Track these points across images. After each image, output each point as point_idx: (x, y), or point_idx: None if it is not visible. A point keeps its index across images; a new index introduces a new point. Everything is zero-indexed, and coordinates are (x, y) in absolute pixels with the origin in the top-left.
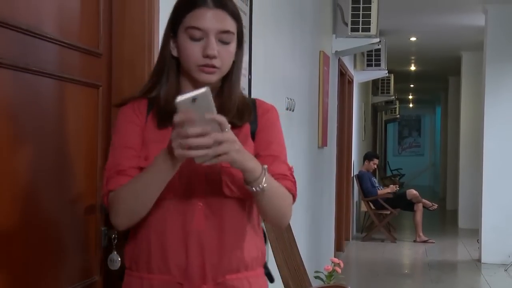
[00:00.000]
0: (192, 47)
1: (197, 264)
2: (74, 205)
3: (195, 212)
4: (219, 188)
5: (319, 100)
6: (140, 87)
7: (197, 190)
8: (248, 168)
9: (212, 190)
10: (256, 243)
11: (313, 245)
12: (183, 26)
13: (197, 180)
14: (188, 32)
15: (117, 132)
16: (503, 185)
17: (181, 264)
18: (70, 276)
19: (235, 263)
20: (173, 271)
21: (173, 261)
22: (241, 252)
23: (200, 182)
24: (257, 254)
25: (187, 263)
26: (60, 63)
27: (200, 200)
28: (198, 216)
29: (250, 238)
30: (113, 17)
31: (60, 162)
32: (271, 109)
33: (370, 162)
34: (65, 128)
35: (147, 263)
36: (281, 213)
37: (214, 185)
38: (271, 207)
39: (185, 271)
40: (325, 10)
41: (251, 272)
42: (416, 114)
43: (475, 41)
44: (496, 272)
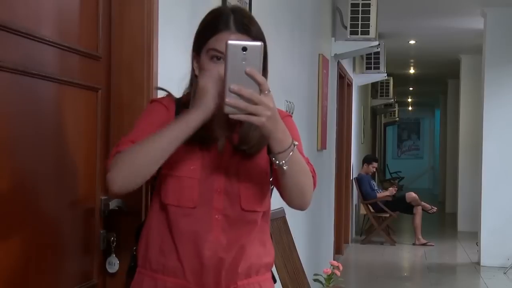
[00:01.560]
0: (212, 68)
1: (212, 275)
2: (73, 208)
3: (213, 224)
4: (237, 203)
5: (318, 103)
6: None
7: (216, 203)
8: (277, 137)
9: (231, 204)
10: (269, 250)
11: (312, 248)
12: (206, 48)
13: (215, 194)
14: (210, 54)
15: (141, 118)
16: (503, 188)
17: (197, 271)
18: (69, 279)
19: (247, 269)
20: (189, 277)
21: (189, 267)
22: (254, 259)
23: (219, 195)
24: (269, 260)
25: (202, 272)
26: (59, 66)
27: (218, 213)
28: (216, 229)
29: (264, 246)
30: (112, 20)
31: (59, 165)
32: (287, 116)
33: (369, 166)
34: (64, 131)
35: (163, 265)
36: (304, 191)
37: (233, 199)
38: (295, 186)
39: (200, 279)
40: (324, 14)
41: (262, 277)
42: (415, 117)
43: (474, 44)
44: (495, 275)
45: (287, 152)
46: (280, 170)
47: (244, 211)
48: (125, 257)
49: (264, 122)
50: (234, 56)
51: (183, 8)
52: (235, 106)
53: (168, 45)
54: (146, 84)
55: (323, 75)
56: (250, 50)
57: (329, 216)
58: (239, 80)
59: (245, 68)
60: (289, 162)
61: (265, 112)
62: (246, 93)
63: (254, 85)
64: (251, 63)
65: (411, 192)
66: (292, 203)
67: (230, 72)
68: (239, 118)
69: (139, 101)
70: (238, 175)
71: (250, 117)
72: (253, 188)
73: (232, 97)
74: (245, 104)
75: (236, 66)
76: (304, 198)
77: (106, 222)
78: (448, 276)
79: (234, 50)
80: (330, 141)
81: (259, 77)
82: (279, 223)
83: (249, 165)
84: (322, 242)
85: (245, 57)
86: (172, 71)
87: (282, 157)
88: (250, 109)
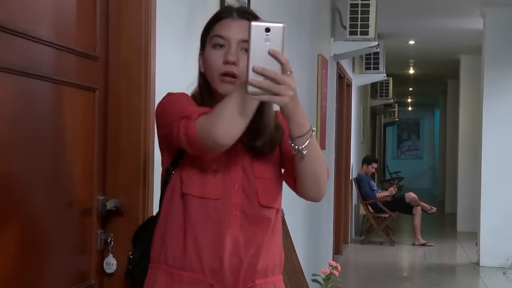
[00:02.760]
0: (214, 54)
1: (230, 271)
2: (70, 209)
3: (231, 221)
4: (255, 199)
5: (317, 103)
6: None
7: (234, 200)
8: (297, 120)
9: (248, 201)
10: (280, 249)
11: (311, 249)
12: (209, 37)
13: (233, 190)
14: (212, 41)
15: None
16: (502, 188)
17: (215, 266)
18: (66, 279)
19: (264, 268)
20: (207, 272)
21: (207, 262)
22: (270, 259)
23: (237, 192)
24: (280, 260)
25: (221, 267)
26: (56, 66)
27: (236, 209)
28: (234, 225)
29: (277, 244)
30: (110, 20)
31: (56, 165)
32: None
33: (369, 166)
34: (61, 131)
35: (180, 259)
36: (320, 180)
37: (250, 196)
38: (312, 173)
39: (219, 274)
40: (323, 14)
41: (277, 277)
42: (415, 117)
43: (473, 44)
44: (494, 275)
45: (306, 136)
46: (299, 156)
47: (262, 206)
48: (123, 257)
49: (287, 102)
50: (257, 37)
51: (181, 9)
52: (259, 85)
53: (166, 45)
54: (143, 84)
55: (322, 75)
56: (273, 31)
57: (328, 216)
58: (262, 60)
59: (268, 49)
60: (308, 147)
61: (288, 92)
62: (270, 73)
63: (277, 65)
64: (274, 43)
65: (411, 193)
66: (307, 193)
67: (253, 53)
68: (262, 98)
69: (137, 101)
70: (254, 172)
71: (273, 97)
72: (269, 184)
73: (256, 77)
74: (268, 84)
75: (259, 46)
76: (320, 188)
77: (103, 222)
78: (447, 277)
79: (257, 30)
80: (329, 141)
81: (282, 57)
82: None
83: (263, 162)
84: (321, 242)
85: (268, 38)
86: (169, 71)
87: (301, 142)
88: (274, 88)
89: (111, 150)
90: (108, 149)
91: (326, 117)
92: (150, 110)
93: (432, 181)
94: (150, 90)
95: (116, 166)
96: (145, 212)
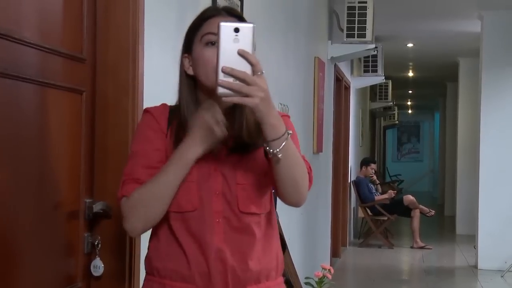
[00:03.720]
0: (208, 52)
1: (219, 278)
2: (56, 211)
3: (214, 228)
4: (235, 205)
5: (314, 106)
6: (124, 92)
7: (215, 207)
8: (270, 122)
9: (230, 207)
10: (277, 252)
11: (308, 251)
12: (199, 35)
13: (214, 196)
14: (204, 39)
15: (137, 140)
16: (499, 191)
17: (204, 275)
18: (53, 282)
19: (256, 274)
20: (197, 281)
21: (197, 271)
22: (264, 264)
23: (217, 198)
24: (277, 263)
25: (209, 275)
26: (41, 68)
27: (218, 217)
28: (218, 232)
29: (271, 248)
30: (97, 22)
31: (41, 168)
32: (284, 115)
33: (368, 168)
34: (46, 133)
35: (171, 270)
36: (299, 185)
37: (231, 202)
38: (289, 177)
39: (208, 282)
40: (320, 17)
41: (272, 282)
42: (415, 120)
43: (472, 47)
44: (492, 278)
45: (281, 139)
46: (274, 160)
47: (242, 213)
48: (110, 260)
49: (258, 103)
50: (226, 37)
51: (170, 10)
52: (228, 87)
53: (155, 47)
54: (131, 86)
55: (319, 77)
56: (243, 31)
57: (326, 218)
58: (231, 61)
59: (237, 49)
60: (283, 150)
61: (258, 93)
62: (240, 73)
63: (247, 66)
64: (244, 44)
65: (409, 195)
66: (287, 198)
67: (223, 53)
68: (232, 100)
69: (124, 103)
70: (235, 177)
71: (243, 99)
72: (250, 189)
73: (225, 79)
74: (238, 85)
75: (229, 47)
76: (299, 193)
77: (90, 225)
78: (445, 279)
79: (226, 31)
80: (326, 144)
81: (252, 57)
82: None
83: (245, 167)
84: (318, 245)
85: (237, 38)
86: (158, 73)
87: (276, 145)
88: (244, 89)
89: (99, 152)
90: (95, 151)
91: (323, 119)
92: (138, 112)
93: (432, 184)
94: (138, 92)
95: (104, 169)
96: None
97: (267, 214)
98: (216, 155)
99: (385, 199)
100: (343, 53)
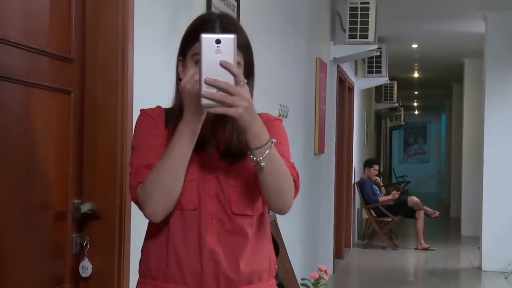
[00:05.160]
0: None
1: (211, 280)
2: (42, 212)
3: (208, 230)
4: (228, 207)
5: (316, 107)
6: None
7: (209, 208)
8: (254, 131)
9: (223, 209)
10: (269, 254)
11: (309, 252)
12: (191, 52)
13: (208, 198)
14: (194, 58)
15: (138, 136)
16: (504, 192)
17: (196, 276)
18: (40, 283)
19: (248, 275)
20: (189, 282)
21: (188, 273)
22: (256, 265)
23: (211, 200)
24: (269, 265)
25: (201, 276)
26: (27, 68)
27: (212, 218)
28: (211, 234)
29: (262, 250)
30: (87, 22)
31: (27, 169)
32: (276, 119)
33: (371, 169)
34: (33, 133)
35: (163, 272)
36: (283, 192)
37: (224, 204)
38: (273, 185)
39: (200, 283)
40: (322, 17)
41: (264, 283)
42: (421, 121)
43: (476, 48)
44: (495, 280)
45: (264, 147)
46: (258, 167)
47: (235, 215)
48: (98, 261)
49: (242, 113)
50: (208, 49)
51: (163, 11)
52: (211, 98)
53: (146, 48)
54: (120, 87)
55: (320, 78)
56: (224, 42)
57: (328, 219)
58: (214, 72)
59: (219, 60)
60: (267, 158)
61: (241, 103)
62: (222, 84)
63: (229, 77)
64: (226, 55)
65: (413, 196)
66: (271, 205)
67: (205, 65)
68: (216, 111)
69: (114, 103)
70: (228, 179)
71: (227, 109)
72: (242, 191)
73: (208, 90)
74: (221, 95)
75: (211, 58)
76: (283, 201)
77: (79, 225)
78: (448, 281)
79: (208, 42)
80: (329, 145)
81: (234, 68)
82: (270, 227)
83: (238, 169)
84: (320, 246)
85: (219, 50)
86: (149, 74)
87: (259, 153)
88: (227, 100)
89: (88, 153)
90: (84, 152)
91: (325, 120)
92: (127, 112)
93: (439, 185)
94: (128, 92)
95: (93, 169)
96: (122, 215)
97: (259, 216)
98: (210, 158)
99: (389, 200)
100: (346, 54)
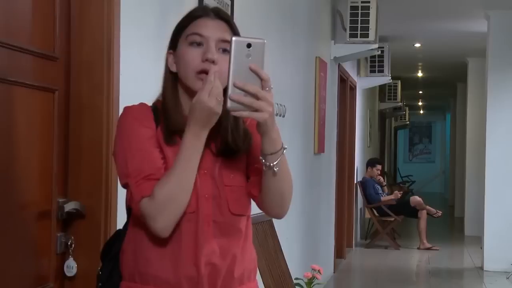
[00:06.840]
0: (191, 52)
1: (208, 282)
2: (25, 211)
3: (205, 231)
4: (226, 207)
5: (315, 106)
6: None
7: (205, 210)
8: (272, 137)
9: (219, 210)
10: (254, 254)
11: (308, 252)
12: (185, 34)
13: (204, 199)
14: (189, 39)
15: (128, 140)
16: (506, 192)
17: (193, 278)
18: (22, 282)
19: (241, 276)
20: (184, 286)
21: (184, 275)
22: (246, 265)
23: (207, 202)
24: (255, 265)
25: (198, 278)
26: (8, 66)
27: (209, 220)
28: (208, 235)
29: (251, 250)
30: (72, 21)
31: (8, 167)
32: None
33: (373, 168)
34: (15, 132)
35: (155, 274)
36: (285, 198)
37: (221, 205)
38: (278, 190)
39: (196, 285)
40: (323, 16)
41: (252, 283)
42: (426, 120)
43: (479, 47)
44: (497, 280)
45: (278, 153)
46: (270, 173)
47: (233, 215)
48: (84, 260)
49: (267, 118)
50: (239, 52)
51: (152, 11)
52: (240, 101)
53: (133, 46)
54: (106, 85)
55: (320, 78)
56: (255, 46)
57: (329, 219)
58: (243, 76)
59: (249, 64)
60: (279, 164)
61: (268, 108)
62: (252, 88)
63: (257, 81)
64: (255, 59)
65: (416, 196)
66: (271, 210)
67: (235, 68)
68: (241, 114)
69: (99, 101)
70: (223, 179)
71: (253, 113)
72: (239, 191)
73: (236, 93)
74: (250, 100)
75: (241, 62)
76: (283, 207)
77: (63, 225)
78: (450, 281)
79: (239, 46)
80: (329, 145)
81: (264, 73)
82: (265, 227)
83: (232, 168)
84: (320, 246)
85: (249, 53)
86: (136, 73)
87: (273, 159)
88: (255, 104)
89: (73, 152)
90: (70, 151)
91: (325, 120)
92: (113, 110)
93: (444, 185)
94: (114, 91)
95: (78, 168)
96: (108, 214)
97: (248, 218)
98: (204, 159)
99: (391, 200)
100: (346, 53)
